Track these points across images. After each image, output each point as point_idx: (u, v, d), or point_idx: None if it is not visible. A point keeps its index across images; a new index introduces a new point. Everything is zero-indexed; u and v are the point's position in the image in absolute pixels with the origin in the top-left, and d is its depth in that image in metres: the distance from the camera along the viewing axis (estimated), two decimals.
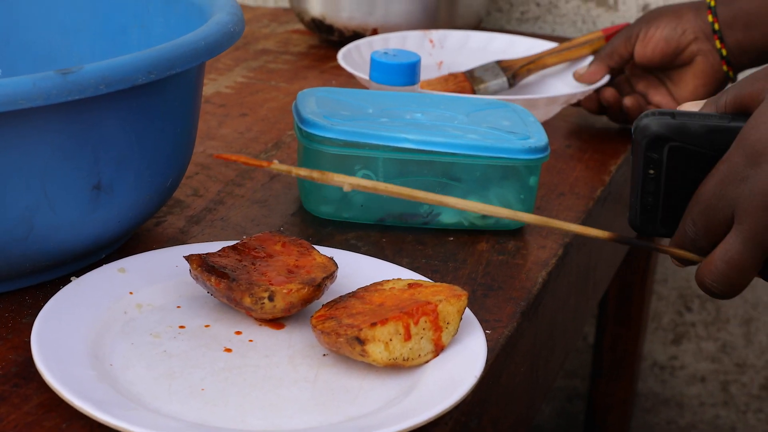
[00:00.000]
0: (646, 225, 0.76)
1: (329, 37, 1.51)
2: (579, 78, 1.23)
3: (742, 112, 0.73)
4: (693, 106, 0.76)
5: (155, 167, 0.84)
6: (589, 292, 1.14)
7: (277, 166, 0.70)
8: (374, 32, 1.47)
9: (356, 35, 1.48)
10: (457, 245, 0.95)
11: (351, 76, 1.40)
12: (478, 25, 1.55)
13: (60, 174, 0.78)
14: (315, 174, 0.72)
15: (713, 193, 0.71)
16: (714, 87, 1.19)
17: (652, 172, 0.73)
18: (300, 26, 1.61)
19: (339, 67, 1.43)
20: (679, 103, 1.18)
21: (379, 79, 1.06)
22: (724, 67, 1.18)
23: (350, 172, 0.94)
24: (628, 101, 1.20)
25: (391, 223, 0.97)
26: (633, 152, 0.74)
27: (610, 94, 1.21)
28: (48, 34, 1.06)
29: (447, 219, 0.97)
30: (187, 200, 1.01)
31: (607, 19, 1.66)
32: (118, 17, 1.03)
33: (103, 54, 1.04)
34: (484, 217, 0.96)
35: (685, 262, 0.77)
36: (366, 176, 0.93)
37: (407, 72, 1.06)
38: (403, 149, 0.94)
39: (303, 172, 0.72)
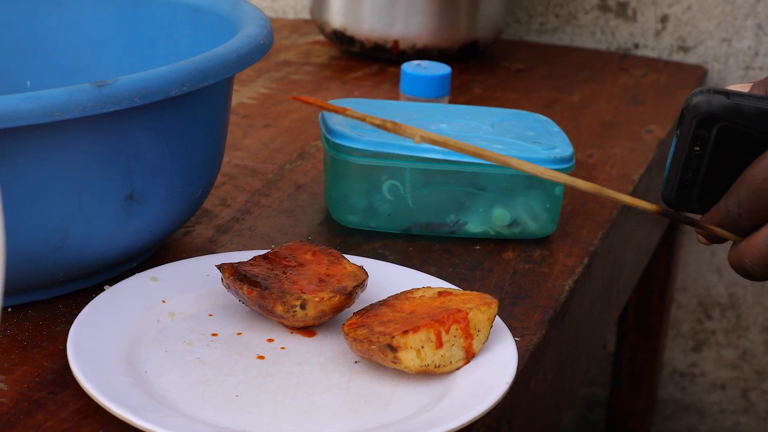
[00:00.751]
0: (681, 200, 0.76)
1: (350, 49, 1.52)
2: None
3: None
4: (742, 88, 0.75)
5: (186, 177, 0.86)
6: (612, 301, 1.15)
7: (352, 113, 0.71)
8: (395, 44, 1.48)
9: (377, 47, 1.49)
10: (484, 254, 0.96)
11: (373, 87, 1.41)
12: (498, 37, 1.56)
13: (94, 185, 0.79)
14: (388, 124, 0.72)
15: (764, 177, 0.71)
16: None
17: (697, 149, 0.73)
18: (320, 38, 1.62)
19: (361, 78, 1.44)
20: None
21: (409, 91, 1.07)
22: None
23: (377, 183, 0.95)
24: None
25: (418, 232, 0.98)
26: (680, 127, 0.73)
27: None
28: (75, 47, 1.08)
29: (473, 228, 0.97)
30: (215, 210, 1.02)
31: (625, 30, 1.67)
32: (144, 30, 1.04)
33: (130, 67, 1.05)
34: (510, 226, 0.96)
35: (714, 240, 0.76)
36: (393, 186, 0.94)
37: (438, 84, 1.07)
38: (429, 159, 0.95)
39: (377, 120, 0.72)
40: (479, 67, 1.52)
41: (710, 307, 1.78)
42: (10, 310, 0.84)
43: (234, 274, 0.81)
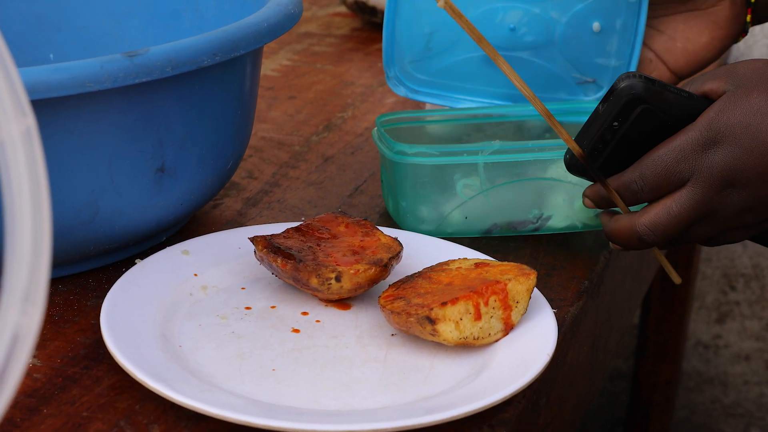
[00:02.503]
0: (582, 166, 0.83)
1: (372, 19, 1.51)
2: None
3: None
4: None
5: (217, 149, 0.84)
6: (642, 274, 1.14)
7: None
8: None
9: None
10: None
11: None
12: None
13: (125, 157, 0.78)
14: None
15: (672, 157, 0.80)
16: (728, 42, 1.01)
17: (616, 124, 0.80)
18: (341, 9, 1.61)
19: None
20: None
21: None
22: (747, 17, 1.00)
23: (450, 183, 0.89)
24: None
25: (499, 233, 0.91)
26: (605, 102, 0.80)
27: None
28: (99, 19, 1.06)
29: (558, 223, 0.91)
30: (243, 183, 1.01)
31: None
32: (169, 1, 1.03)
33: (154, 39, 1.04)
34: (596, 217, 0.92)
35: (601, 204, 0.84)
36: (467, 186, 0.89)
37: None
38: (503, 152, 0.89)
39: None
40: None
41: (734, 278, 1.77)
42: None
43: (267, 246, 0.80)
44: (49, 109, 0.73)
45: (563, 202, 0.91)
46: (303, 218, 0.94)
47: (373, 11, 1.49)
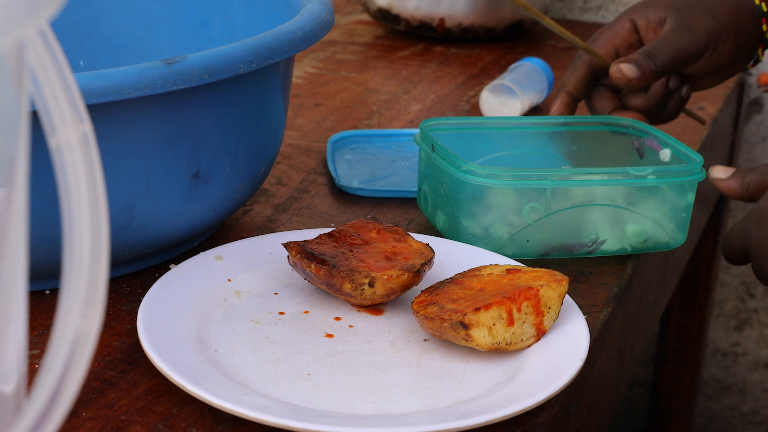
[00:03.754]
0: None
1: (396, 27, 1.52)
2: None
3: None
4: (722, 173, 0.96)
5: (250, 156, 0.85)
6: (667, 280, 1.15)
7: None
8: (441, 22, 1.47)
9: (423, 25, 1.49)
10: None
11: (420, 66, 1.40)
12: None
13: (161, 163, 0.79)
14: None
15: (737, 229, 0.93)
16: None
17: None
18: (364, 17, 1.61)
19: (407, 57, 1.44)
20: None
21: None
22: (764, 26, 1.05)
23: (517, 206, 0.88)
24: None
25: (555, 256, 0.91)
26: None
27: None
28: (129, 26, 1.07)
29: (611, 246, 0.91)
30: (272, 189, 1.02)
31: None
32: (199, 9, 1.04)
33: (184, 47, 1.05)
34: (645, 241, 0.92)
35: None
36: (533, 209, 0.88)
37: None
38: (572, 176, 0.88)
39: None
40: (525, 45, 1.51)
41: (753, 285, 1.77)
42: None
43: (301, 252, 0.80)
44: (89, 115, 0.73)
45: (618, 226, 0.90)
46: (332, 224, 0.95)
47: (396, 19, 1.50)
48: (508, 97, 1.19)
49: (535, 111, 1.25)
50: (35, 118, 0.50)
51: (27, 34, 0.40)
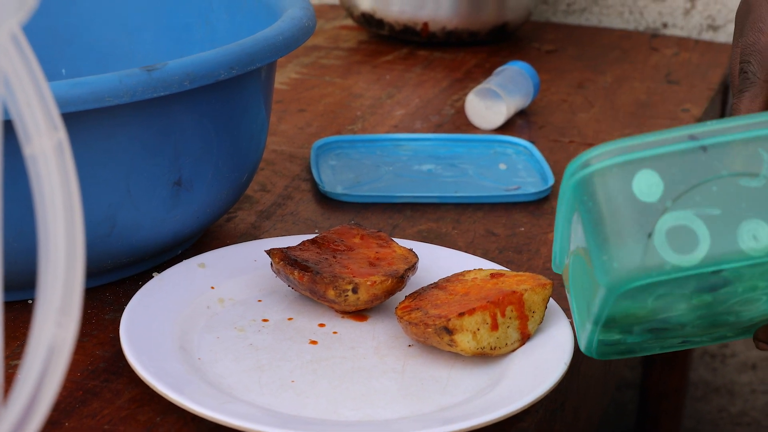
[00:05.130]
0: None
1: (379, 32, 1.52)
2: None
3: None
4: None
5: (232, 162, 0.85)
6: None
7: None
8: (425, 26, 1.47)
9: (407, 29, 1.48)
10: (529, 236, 0.95)
11: (404, 70, 1.40)
12: (527, 19, 1.55)
13: (143, 171, 0.78)
14: None
15: None
16: None
17: None
18: (347, 22, 1.61)
19: (392, 62, 1.43)
20: None
21: None
22: None
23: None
24: None
25: None
26: None
27: None
28: (111, 33, 1.07)
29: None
30: (256, 195, 1.01)
31: (653, 10, 1.65)
32: (181, 15, 1.03)
33: (166, 53, 1.04)
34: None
35: None
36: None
37: None
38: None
39: None
40: (509, 49, 1.51)
41: None
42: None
43: (284, 259, 0.80)
44: (68, 123, 0.73)
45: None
46: (317, 231, 0.95)
47: (380, 24, 1.50)
48: (494, 101, 1.19)
49: (520, 115, 1.25)
50: (11, 127, 0.49)
51: None
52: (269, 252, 0.81)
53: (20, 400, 0.40)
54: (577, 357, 0.81)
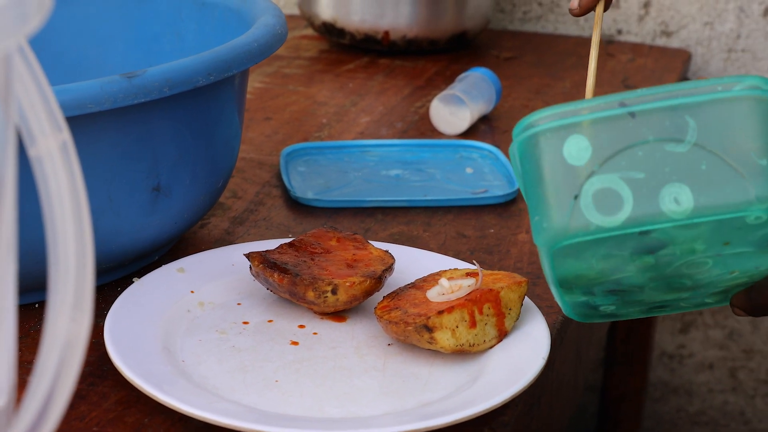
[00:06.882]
0: None
1: (340, 41, 1.53)
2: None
3: None
4: None
5: (209, 168, 0.86)
6: None
7: None
8: (386, 35, 1.49)
9: (368, 38, 1.50)
10: (499, 238, 0.97)
11: (367, 78, 1.41)
12: (485, 26, 1.57)
13: (123, 177, 0.79)
14: None
15: None
16: None
17: None
18: (308, 32, 1.63)
19: (353, 70, 1.45)
20: None
21: None
22: None
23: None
24: None
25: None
26: None
27: None
28: (79, 44, 1.08)
29: None
30: (228, 202, 1.02)
31: (608, 16, 1.68)
32: (150, 25, 1.04)
33: (135, 63, 1.05)
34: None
35: (756, 312, 0.73)
36: None
37: None
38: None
39: None
40: (469, 57, 1.53)
41: None
42: (36, 306, 0.84)
43: (263, 262, 0.81)
44: None
45: None
46: (290, 235, 0.96)
47: (341, 33, 1.51)
48: (458, 106, 1.21)
49: (484, 120, 1.27)
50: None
51: (13, 45, 0.41)
52: (248, 255, 0.82)
53: (37, 396, 0.41)
54: (552, 354, 0.83)
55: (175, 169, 0.83)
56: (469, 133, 1.23)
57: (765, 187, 0.61)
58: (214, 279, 0.85)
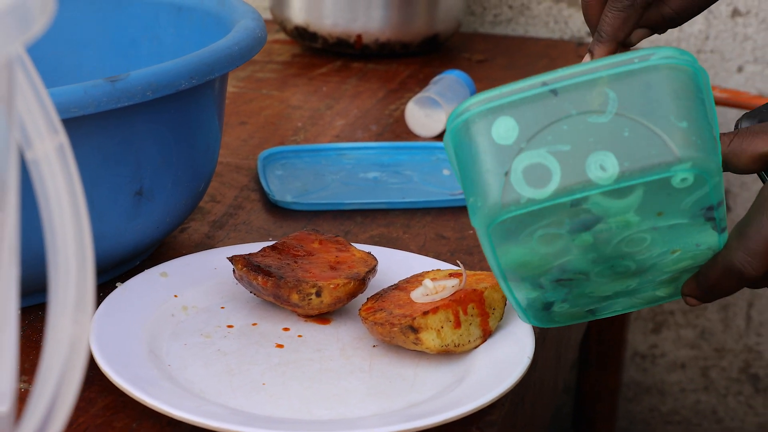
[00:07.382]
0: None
1: (313, 45, 1.53)
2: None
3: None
4: None
5: (191, 171, 0.86)
6: None
7: None
8: (358, 38, 1.49)
9: (340, 42, 1.50)
10: (478, 238, 0.97)
11: (340, 82, 1.42)
12: (457, 29, 1.57)
13: (105, 181, 0.79)
14: None
15: None
16: None
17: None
18: (280, 36, 1.63)
19: (326, 74, 1.45)
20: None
21: None
22: None
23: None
24: None
25: None
26: None
27: None
28: (54, 49, 1.07)
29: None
30: (207, 207, 1.02)
31: (578, 19, 1.69)
32: (127, 30, 1.04)
33: (113, 68, 1.05)
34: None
35: (706, 297, 0.73)
36: None
37: None
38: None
39: None
40: (440, 59, 1.54)
41: None
42: (20, 312, 0.83)
43: (247, 265, 0.81)
44: None
45: None
46: (270, 238, 0.96)
47: (313, 37, 1.52)
48: (433, 109, 1.22)
49: None
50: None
51: (15, 50, 0.41)
52: (231, 259, 0.82)
53: (43, 399, 0.41)
54: (535, 352, 0.83)
55: (158, 173, 0.83)
56: None
57: (686, 147, 0.62)
58: (197, 283, 0.85)
